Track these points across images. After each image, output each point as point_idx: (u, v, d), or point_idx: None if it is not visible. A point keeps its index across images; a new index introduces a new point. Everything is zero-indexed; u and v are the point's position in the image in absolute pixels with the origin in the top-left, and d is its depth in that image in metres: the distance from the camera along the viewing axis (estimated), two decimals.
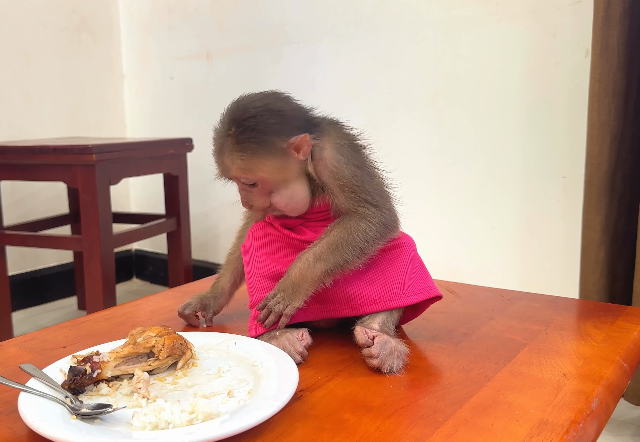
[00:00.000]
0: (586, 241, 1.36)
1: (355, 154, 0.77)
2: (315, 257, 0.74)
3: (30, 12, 2.18)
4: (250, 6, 2.10)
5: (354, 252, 0.74)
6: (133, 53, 2.50)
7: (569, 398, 0.63)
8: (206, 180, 2.28)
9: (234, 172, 0.74)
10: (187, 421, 0.56)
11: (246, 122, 0.71)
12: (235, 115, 0.72)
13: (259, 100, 0.73)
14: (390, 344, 0.70)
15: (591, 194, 1.34)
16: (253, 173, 0.73)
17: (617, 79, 1.29)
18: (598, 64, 1.29)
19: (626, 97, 1.31)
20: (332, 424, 0.58)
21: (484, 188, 1.68)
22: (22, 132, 2.18)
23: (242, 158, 0.72)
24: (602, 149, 1.31)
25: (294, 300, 0.75)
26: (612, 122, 1.30)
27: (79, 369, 0.63)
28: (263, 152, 0.72)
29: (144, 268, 2.62)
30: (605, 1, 1.26)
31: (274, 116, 0.72)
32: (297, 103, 0.76)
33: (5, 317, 1.85)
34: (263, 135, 0.71)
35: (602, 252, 1.34)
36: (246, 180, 0.74)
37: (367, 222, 0.74)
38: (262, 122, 0.71)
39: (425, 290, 0.79)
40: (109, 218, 1.67)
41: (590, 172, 1.34)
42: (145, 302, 1.00)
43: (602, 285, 1.35)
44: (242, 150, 0.71)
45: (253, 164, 0.72)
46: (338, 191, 0.75)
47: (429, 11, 1.70)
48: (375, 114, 1.84)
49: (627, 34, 1.28)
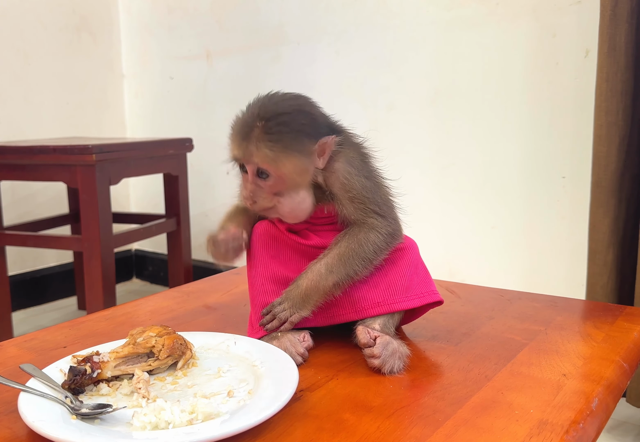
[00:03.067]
0: (594, 243, 1.33)
1: (364, 165, 0.77)
2: (327, 269, 0.74)
3: (30, 12, 2.18)
4: (250, 6, 2.10)
5: (363, 263, 0.74)
6: (133, 53, 2.50)
7: (569, 398, 0.63)
8: (206, 180, 2.29)
9: (258, 158, 0.71)
10: (187, 421, 0.56)
11: (280, 117, 0.70)
12: (268, 108, 0.71)
13: (292, 99, 0.73)
14: (392, 345, 0.70)
15: (599, 195, 1.31)
16: (276, 166, 0.71)
17: (625, 78, 1.27)
18: (605, 63, 1.27)
19: (634, 97, 1.29)
20: (332, 424, 0.58)
21: (484, 188, 1.68)
22: (22, 132, 2.18)
23: (271, 148, 0.70)
24: (610, 150, 1.29)
25: (302, 310, 0.75)
26: (620, 123, 1.28)
27: (79, 369, 0.63)
28: (292, 149, 0.71)
29: (144, 268, 2.62)
30: (612, 0, 1.25)
31: (306, 117, 0.72)
32: (321, 109, 0.76)
33: (5, 317, 1.85)
34: (295, 132, 0.71)
35: (610, 255, 1.32)
36: (264, 172, 0.72)
37: (376, 233, 0.75)
38: (295, 120, 0.71)
39: (428, 294, 0.79)
40: (109, 218, 1.67)
41: (598, 173, 1.31)
42: (145, 302, 1.00)
43: (611, 288, 1.33)
44: (273, 141, 0.70)
45: (280, 157, 0.70)
46: (348, 203, 0.75)
47: (429, 11, 1.70)
48: (375, 114, 1.84)
49: (634, 33, 1.26)
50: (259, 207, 0.75)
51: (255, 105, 0.73)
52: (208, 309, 0.95)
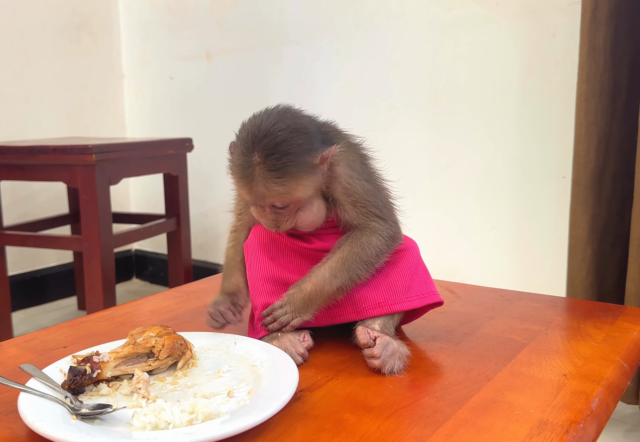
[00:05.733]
0: (573, 239, 1.37)
1: (364, 167, 0.77)
2: (331, 274, 0.74)
3: (30, 12, 2.18)
4: (250, 6, 2.10)
5: (366, 267, 0.75)
6: (133, 53, 2.50)
7: (569, 398, 0.63)
8: (206, 181, 2.29)
9: (272, 198, 0.71)
10: (187, 421, 0.56)
11: (279, 148, 0.68)
12: (263, 142, 0.69)
13: (280, 121, 0.70)
14: (392, 345, 0.70)
15: (578, 193, 1.35)
16: (291, 196, 0.71)
17: (604, 79, 1.30)
18: (585, 64, 1.31)
19: (614, 97, 1.32)
20: (332, 424, 0.58)
21: (483, 188, 1.68)
22: (22, 132, 2.18)
23: (282, 184, 0.69)
24: (589, 149, 1.32)
25: (304, 314, 0.75)
26: (599, 122, 1.31)
27: (79, 369, 0.63)
28: (301, 174, 0.70)
29: (144, 268, 2.62)
30: (592, 2, 1.28)
31: (302, 135, 0.70)
32: (308, 115, 0.75)
33: (5, 317, 1.85)
34: (298, 157, 0.69)
35: (589, 251, 1.35)
36: (282, 204, 0.72)
37: (378, 236, 0.75)
38: (293, 144, 0.69)
39: (428, 295, 0.79)
40: (109, 218, 1.67)
41: (577, 171, 1.34)
42: (145, 302, 1.00)
43: (590, 283, 1.36)
44: (281, 177, 0.69)
45: (292, 188, 0.70)
46: (350, 207, 0.75)
47: (429, 11, 1.70)
48: (375, 114, 1.84)
49: (613, 35, 1.29)
50: (284, 230, 0.75)
51: (246, 138, 0.70)
52: None
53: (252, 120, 0.72)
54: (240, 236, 0.84)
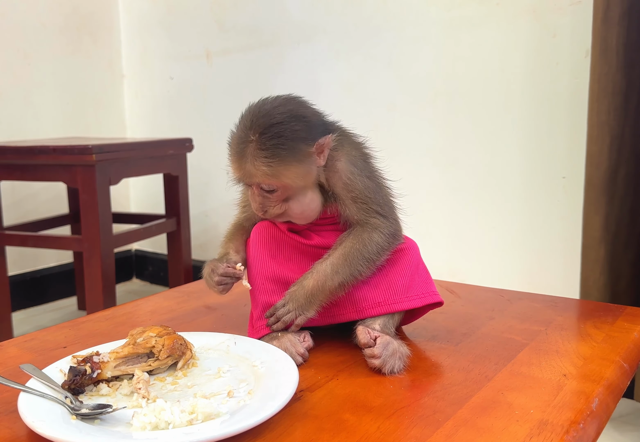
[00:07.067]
0: (586, 239, 1.37)
1: (366, 165, 0.77)
2: (333, 269, 0.74)
3: (30, 12, 2.18)
4: (250, 6, 2.10)
5: (367, 264, 0.75)
6: (133, 53, 2.50)
7: (569, 398, 0.63)
8: (206, 180, 2.29)
9: (258, 178, 0.72)
10: (187, 421, 0.56)
11: (273, 129, 0.69)
12: (260, 121, 0.70)
13: (282, 105, 0.72)
14: (392, 345, 0.70)
15: (590, 193, 1.35)
16: (278, 179, 0.71)
17: (617, 79, 1.30)
18: (597, 64, 1.31)
19: (627, 98, 1.31)
20: (332, 424, 0.58)
21: (484, 188, 1.68)
22: (22, 132, 2.18)
23: (269, 164, 0.70)
24: (602, 149, 1.32)
25: (307, 310, 0.75)
26: (611, 122, 1.31)
27: (79, 369, 0.63)
28: (290, 159, 0.70)
29: (144, 268, 2.62)
30: (604, 3, 1.28)
31: (300, 122, 0.71)
32: (315, 107, 0.76)
33: (5, 318, 1.85)
34: (290, 141, 0.70)
35: (602, 251, 1.35)
36: (268, 187, 0.73)
37: (379, 233, 0.75)
38: (288, 128, 0.70)
39: (428, 294, 0.79)
40: (109, 218, 1.67)
41: (590, 171, 1.35)
42: (145, 302, 1.00)
43: (603, 283, 1.36)
44: (269, 157, 0.70)
45: (279, 171, 0.70)
46: (350, 203, 0.76)
47: (429, 11, 1.70)
48: (375, 114, 1.84)
49: (626, 35, 1.29)
50: (271, 215, 0.76)
51: (247, 117, 0.72)
52: (208, 309, 0.95)
53: (258, 101, 0.73)
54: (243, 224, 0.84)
